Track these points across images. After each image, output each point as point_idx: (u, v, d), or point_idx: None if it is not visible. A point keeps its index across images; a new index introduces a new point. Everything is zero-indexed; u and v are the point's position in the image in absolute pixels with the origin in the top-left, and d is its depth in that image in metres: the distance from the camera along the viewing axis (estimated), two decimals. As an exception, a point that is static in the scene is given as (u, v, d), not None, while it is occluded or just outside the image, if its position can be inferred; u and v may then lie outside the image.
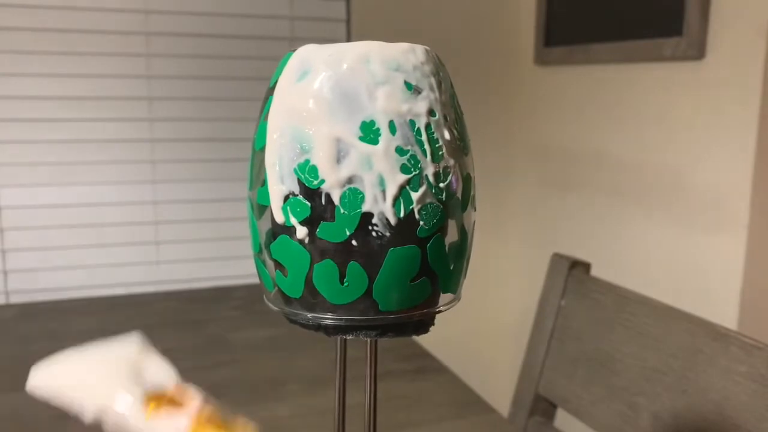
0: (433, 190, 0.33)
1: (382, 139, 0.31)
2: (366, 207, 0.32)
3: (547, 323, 0.85)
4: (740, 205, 0.99)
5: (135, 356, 0.36)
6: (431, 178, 0.32)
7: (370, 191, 0.32)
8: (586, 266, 0.85)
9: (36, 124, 1.20)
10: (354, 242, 0.32)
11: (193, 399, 0.34)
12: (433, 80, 0.33)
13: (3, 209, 1.21)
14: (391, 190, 0.32)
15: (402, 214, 0.32)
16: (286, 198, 0.32)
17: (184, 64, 1.27)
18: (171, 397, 0.34)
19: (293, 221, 0.32)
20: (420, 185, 0.32)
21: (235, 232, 1.34)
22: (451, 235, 0.34)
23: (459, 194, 0.34)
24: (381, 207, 0.32)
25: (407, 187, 0.32)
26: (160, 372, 0.35)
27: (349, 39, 1.37)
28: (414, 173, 0.32)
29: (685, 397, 0.65)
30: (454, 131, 0.34)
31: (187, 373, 0.88)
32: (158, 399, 0.34)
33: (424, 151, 0.32)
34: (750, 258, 0.99)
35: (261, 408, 0.74)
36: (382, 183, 0.32)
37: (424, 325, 0.35)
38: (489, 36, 1.47)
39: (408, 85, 0.32)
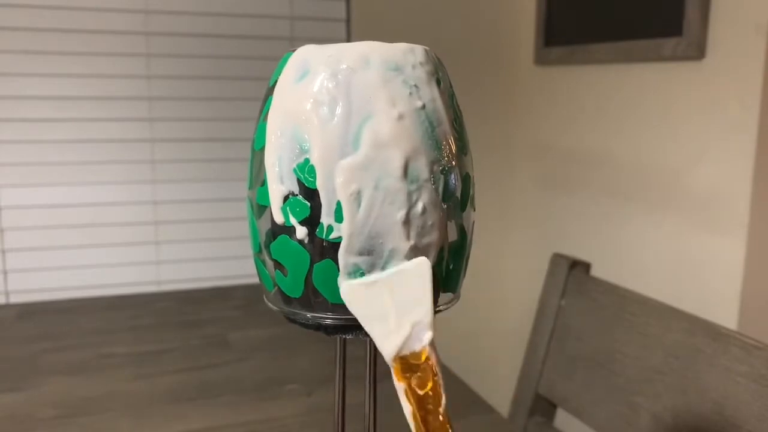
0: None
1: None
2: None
3: (547, 323, 0.85)
4: (740, 205, 0.99)
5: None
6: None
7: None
8: (586, 266, 0.85)
9: (36, 124, 1.20)
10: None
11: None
12: (432, 80, 0.33)
13: (3, 209, 1.21)
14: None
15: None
16: (286, 198, 0.32)
17: (184, 64, 1.27)
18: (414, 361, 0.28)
19: (293, 221, 0.32)
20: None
21: (235, 232, 1.34)
22: (451, 235, 0.34)
23: (458, 194, 0.34)
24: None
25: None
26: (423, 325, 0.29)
27: (349, 39, 1.37)
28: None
29: (685, 397, 0.65)
30: (454, 131, 0.34)
31: (187, 373, 0.88)
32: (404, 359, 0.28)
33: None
34: (750, 258, 0.99)
35: (261, 408, 0.74)
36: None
37: (423, 324, 0.35)
38: (489, 36, 1.47)
39: (407, 85, 0.32)
